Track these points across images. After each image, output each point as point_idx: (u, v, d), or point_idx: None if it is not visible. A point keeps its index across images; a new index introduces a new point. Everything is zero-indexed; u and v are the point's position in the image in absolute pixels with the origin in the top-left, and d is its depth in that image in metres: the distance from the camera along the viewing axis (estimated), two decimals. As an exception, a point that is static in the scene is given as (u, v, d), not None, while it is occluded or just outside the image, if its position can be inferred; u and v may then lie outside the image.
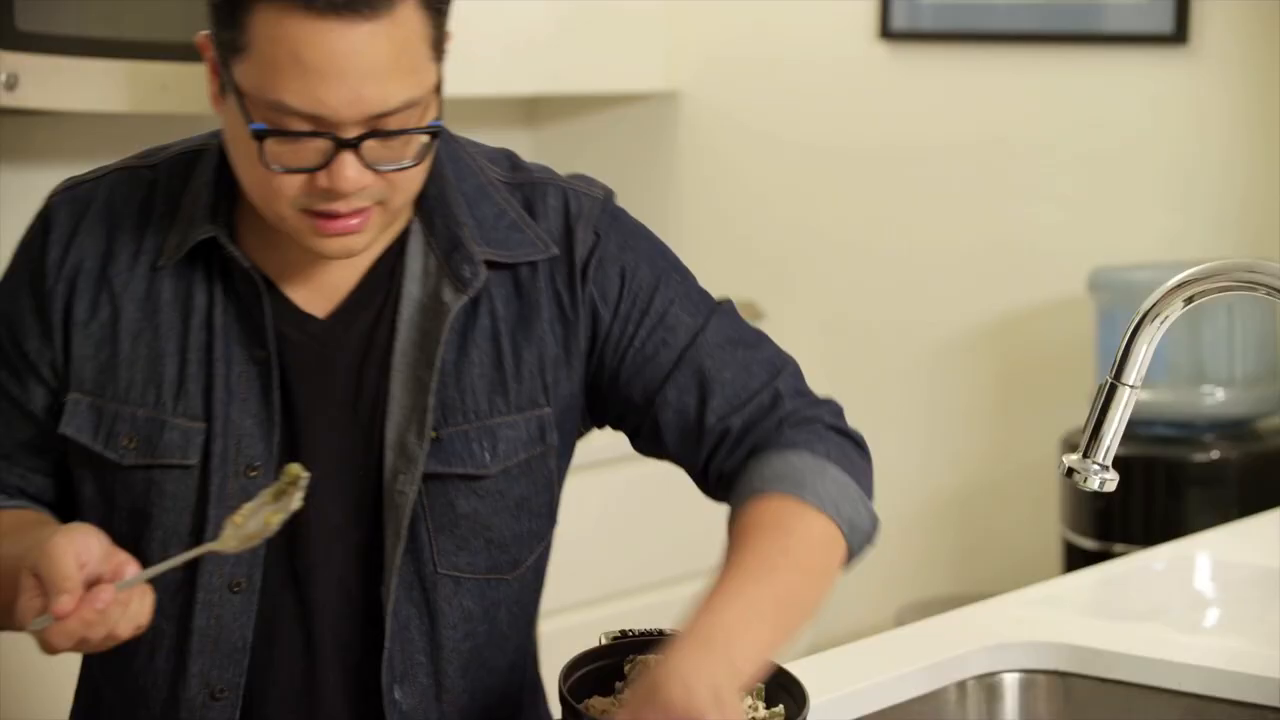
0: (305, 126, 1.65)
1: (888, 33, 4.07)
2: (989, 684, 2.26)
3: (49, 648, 1.59)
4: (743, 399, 1.89)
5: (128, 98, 3.13)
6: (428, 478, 1.81)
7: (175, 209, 1.82)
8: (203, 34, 1.74)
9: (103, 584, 1.58)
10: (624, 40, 4.23)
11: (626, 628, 1.89)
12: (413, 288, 1.82)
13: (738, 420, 1.88)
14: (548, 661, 1.94)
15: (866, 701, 2.13)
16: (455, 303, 1.81)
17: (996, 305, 4.01)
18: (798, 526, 1.79)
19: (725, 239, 4.34)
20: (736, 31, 4.28)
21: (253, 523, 1.68)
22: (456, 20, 1.78)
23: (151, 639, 1.79)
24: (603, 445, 3.85)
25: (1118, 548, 3.41)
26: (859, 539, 1.87)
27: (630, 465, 3.91)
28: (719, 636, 1.64)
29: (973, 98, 4.01)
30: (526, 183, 1.90)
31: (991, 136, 3.99)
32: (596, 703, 1.74)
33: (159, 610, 1.68)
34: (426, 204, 1.82)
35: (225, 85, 1.70)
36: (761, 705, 1.77)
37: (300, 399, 1.81)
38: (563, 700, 1.71)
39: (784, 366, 1.96)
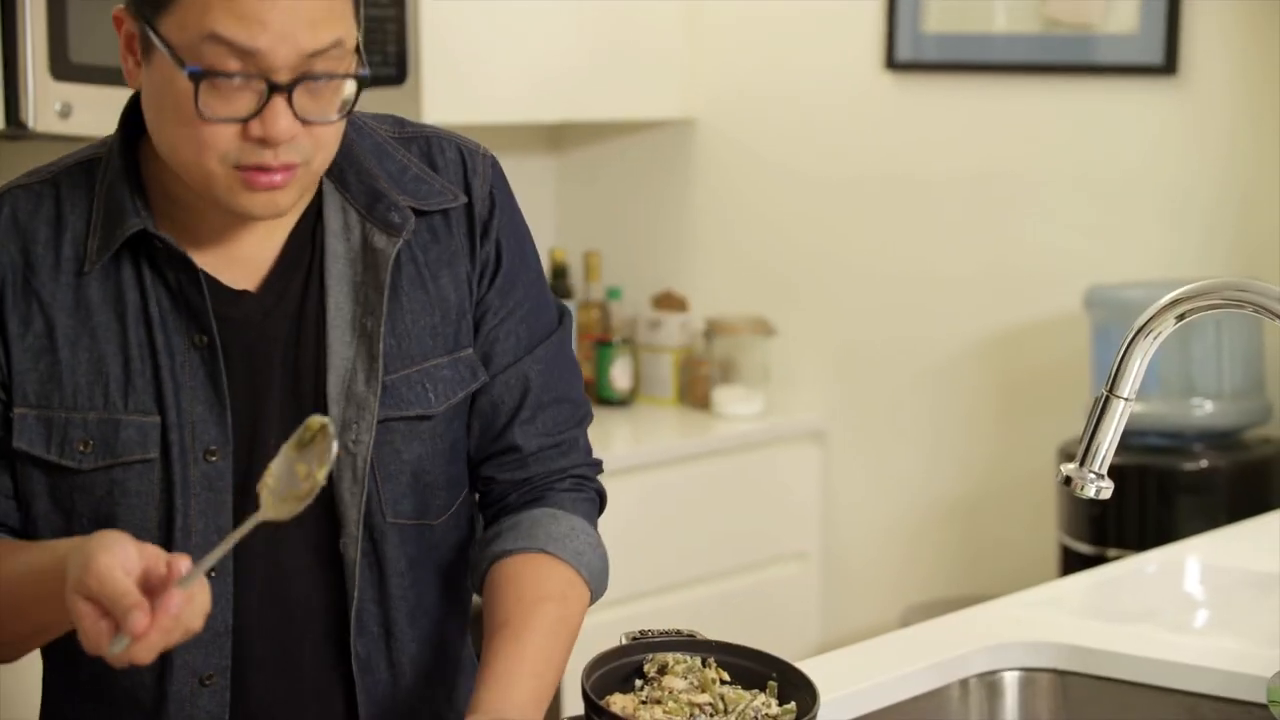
0: (236, 67, 1.61)
1: (893, 63, 4.08)
2: (990, 682, 2.26)
3: (137, 663, 1.52)
4: (549, 431, 1.90)
5: (174, 126, 3.14)
6: (379, 423, 1.78)
7: (89, 215, 1.76)
8: (117, 9, 1.70)
9: (170, 590, 1.49)
10: (643, 71, 4.24)
11: (645, 628, 1.89)
12: (336, 245, 1.79)
13: (534, 444, 1.89)
14: (571, 661, 1.94)
15: (874, 698, 2.13)
16: (390, 248, 1.78)
17: (997, 322, 4.01)
18: (573, 598, 1.84)
19: (738, 258, 4.34)
20: (749, 63, 4.28)
21: (287, 482, 1.59)
22: (487, 53, 1.78)
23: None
24: (622, 454, 3.87)
25: (1112, 552, 3.41)
26: (598, 597, 1.91)
27: (649, 473, 3.92)
28: (515, 716, 1.69)
29: (974, 125, 4.01)
30: (420, 136, 1.87)
31: (991, 162, 4.00)
32: (617, 700, 1.74)
33: None
34: (337, 164, 1.78)
35: (147, 51, 1.66)
36: (774, 703, 1.77)
37: (245, 375, 1.77)
38: (585, 697, 1.71)
39: (585, 417, 1.95)
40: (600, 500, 1.95)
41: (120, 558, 1.51)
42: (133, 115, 1.77)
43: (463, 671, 1.96)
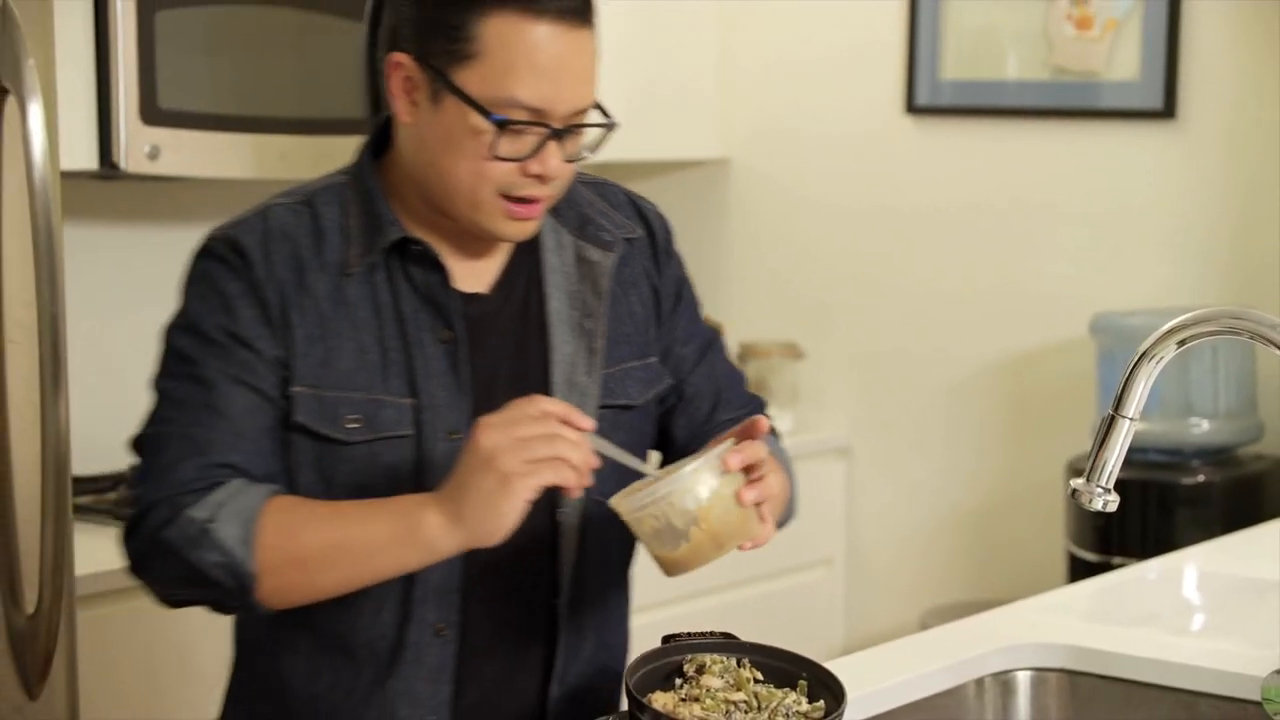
0: (527, 118, 1.75)
1: (913, 108, 4.07)
2: (1004, 681, 2.25)
3: (525, 424, 1.66)
4: (742, 404, 2.07)
5: (252, 165, 3.15)
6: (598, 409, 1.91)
7: (343, 226, 1.86)
8: (396, 55, 1.80)
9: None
10: (681, 114, 4.24)
11: (683, 630, 1.89)
12: (552, 259, 1.92)
13: (737, 417, 2.02)
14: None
15: (896, 696, 2.12)
16: (607, 260, 1.94)
17: (1009, 345, 3.99)
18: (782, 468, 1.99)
19: (770, 287, 4.34)
20: (780, 106, 4.28)
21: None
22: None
23: (378, 596, 1.83)
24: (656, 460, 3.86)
25: (1116, 560, 3.39)
26: (791, 511, 2.07)
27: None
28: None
29: (988, 164, 4.00)
30: (594, 182, 2.03)
31: (1004, 198, 3.98)
32: (658, 697, 1.74)
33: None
34: None
35: (437, 94, 1.77)
36: (805, 700, 1.77)
37: (478, 366, 1.87)
38: (628, 694, 1.71)
39: (753, 394, 2.13)
40: (778, 434, 2.09)
41: None
42: (375, 145, 1.91)
43: (627, 636, 2.08)
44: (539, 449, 1.66)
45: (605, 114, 1.84)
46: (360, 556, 1.75)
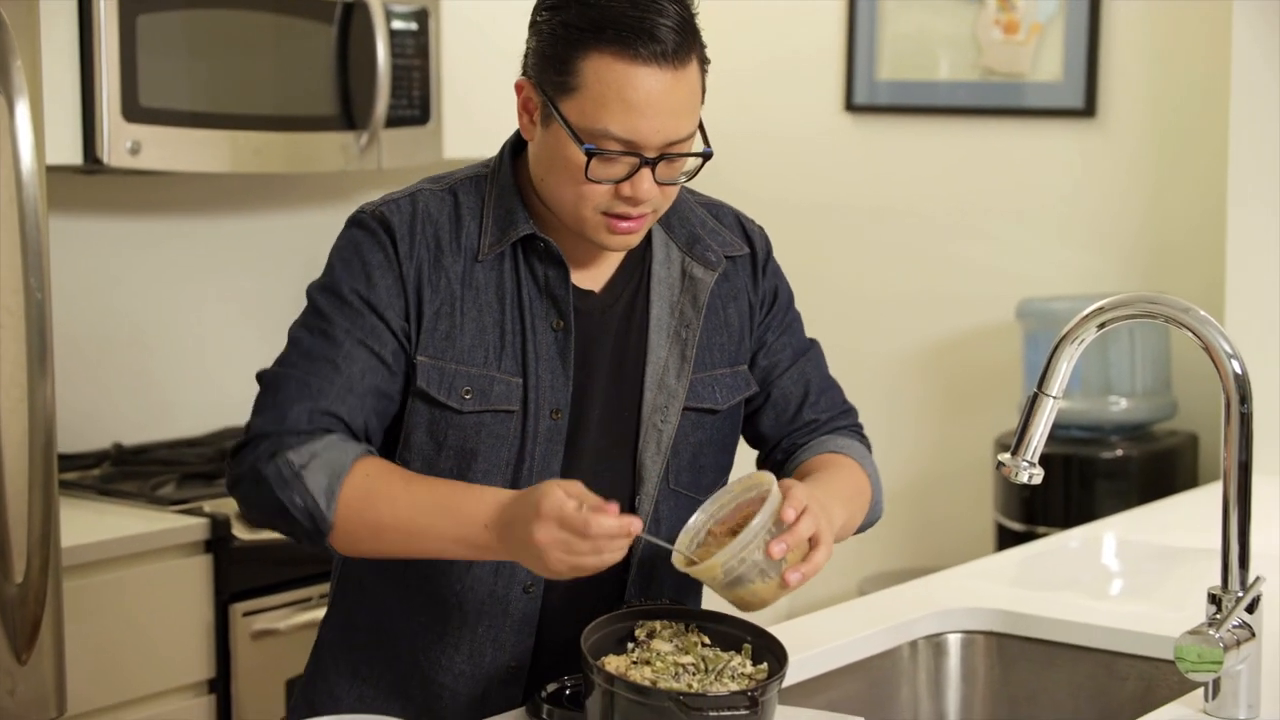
0: (619, 148, 1.80)
1: (851, 106, 4.07)
2: (936, 643, 2.26)
3: (573, 542, 1.66)
4: (831, 407, 2.11)
5: (229, 160, 3.14)
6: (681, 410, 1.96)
7: (480, 216, 1.92)
8: (522, 79, 1.88)
9: (633, 517, 1.69)
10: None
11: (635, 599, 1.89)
12: (660, 270, 1.97)
13: (825, 416, 2.09)
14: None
15: (835, 658, 2.13)
16: (709, 278, 1.98)
17: (941, 330, 4.00)
18: (862, 476, 2.05)
19: (718, 275, 4.33)
20: (723, 106, 4.26)
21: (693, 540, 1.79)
22: (500, 96, 1.81)
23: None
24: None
25: (1040, 529, 3.41)
26: (875, 512, 2.10)
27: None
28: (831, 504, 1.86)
29: (921, 160, 4.01)
30: (707, 202, 2.08)
31: (937, 191, 3.99)
32: (611, 660, 1.74)
33: None
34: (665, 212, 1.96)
35: (547, 118, 1.83)
36: (749, 663, 1.77)
37: (582, 356, 1.92)
38: (582, 658, 1.71)
39: (848, 404, 2.17)
40: (868, 443, 2.16)
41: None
42: (515, 145, 1.96)
43: (700, 604, 2.08)
44: (586, 561, 1.69)
45: (706, 141, 1.89)
46: (423, 545, 1.82)
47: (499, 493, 1.78)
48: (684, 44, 1.82)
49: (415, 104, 3.43)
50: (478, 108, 3.54)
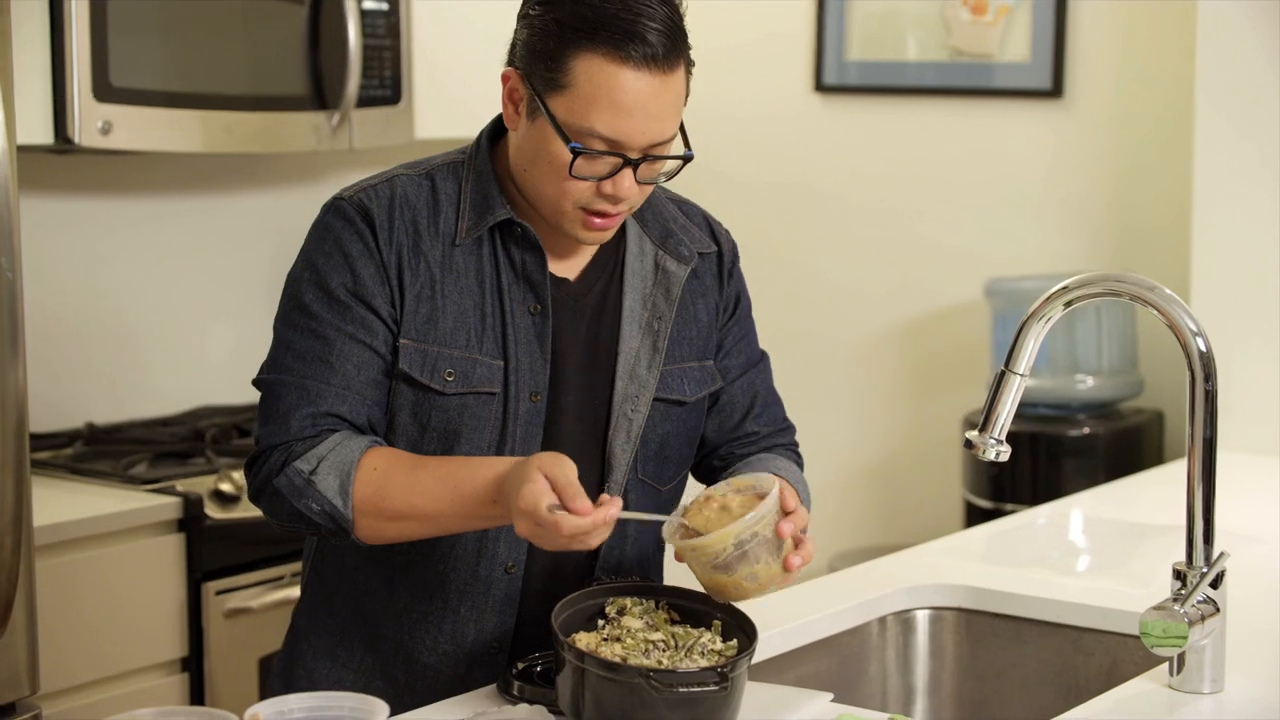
0: (603, 148, 1.82)
1: (821, 87, 4.07)
2: (905, 619, 2.26)
3: (551, 535, 1.70)
4: (772, 421, 2.13)
5: (200, 140, 3.12)
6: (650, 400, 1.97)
7: (458, 201, 1.94)
8: (509, 69, 1.89)
9: (611, 499, 1.72)
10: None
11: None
12: (634, 262, 1.99)
13: (765, 430, 2.11)
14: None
15: (805, 634, 2.13)
16: (682, 271, 2.01)
17: (911, 309, 4.00)
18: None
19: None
20: (694, 86, 4.25)
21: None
22: (472, 76, 1.80)
23: (457, 535, 1.92)
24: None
25: (1008, 507, 3.41)
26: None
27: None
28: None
29: (890, 139, 4.01)
30: (677, 199, 2.11)
31: (905, 171, 3.99)
32: (581, 637, 1.74)
33: None
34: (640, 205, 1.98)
35: (533, 112, 1.85)
36: (719, 639, 1.77)
37: (557, 342, 1.94)
38: (553, 634, 1.71)
39: (788, 421, 2.18)
40: (801, 462, 2.18)
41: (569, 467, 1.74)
42: (493, 131, 1.98)
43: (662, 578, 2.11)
44: (570, 548, 1.74)
45: (686, 144, 1.91)
46: (445, 526, 1.86)
47: (495, 466, 1.80)
48: (674, 49, 1.84)
49: (386, 84, 3.41)
50: (449, 87, 3.53)
